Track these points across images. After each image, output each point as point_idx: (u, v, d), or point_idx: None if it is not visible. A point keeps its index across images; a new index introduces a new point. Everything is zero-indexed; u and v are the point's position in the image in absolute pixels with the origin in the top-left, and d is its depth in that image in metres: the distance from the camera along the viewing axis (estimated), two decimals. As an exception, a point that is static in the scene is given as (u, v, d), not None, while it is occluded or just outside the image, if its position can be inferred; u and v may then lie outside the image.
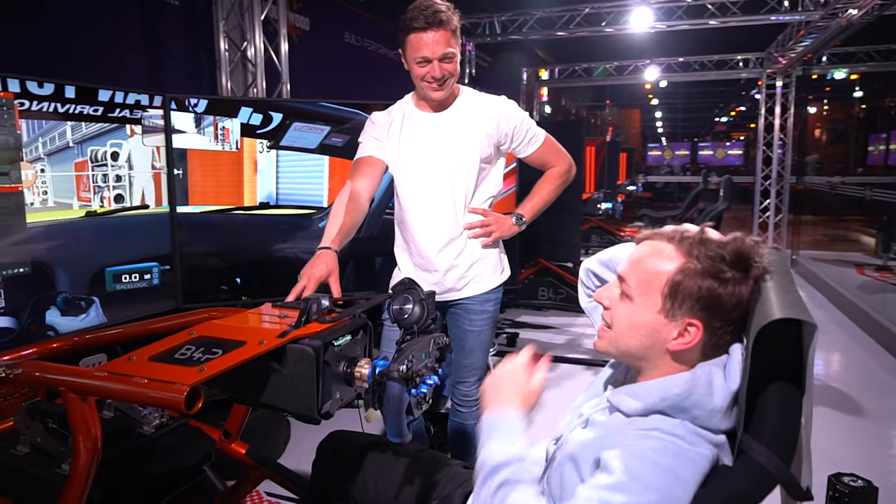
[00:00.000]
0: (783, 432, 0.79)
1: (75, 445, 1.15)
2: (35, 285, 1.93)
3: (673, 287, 0.90)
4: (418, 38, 1.73)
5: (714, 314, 0.88)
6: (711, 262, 0.87)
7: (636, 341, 0.95)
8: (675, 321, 0.90)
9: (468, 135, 1.87)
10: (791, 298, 0.80)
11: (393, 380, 1.07)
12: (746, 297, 0.87)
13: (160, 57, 3.17)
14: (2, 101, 1.81)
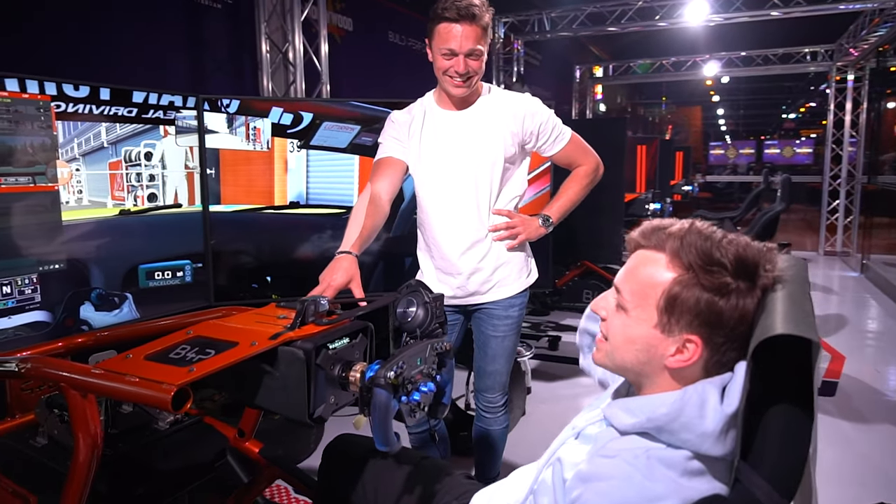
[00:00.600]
0: (785, 463, 0.70)
1: (75, 441, 1.17)
2: (70, 281, 2.00)
3: (669, 300, 0.82)
4: (447, 29, 1.67)
5: (715, 329, 0.80)
6: (710, 271, 0.79)
7: (632, 356, 0.88)
8: (673, 336, 0.83)
9: (492, 133, 1.81)
10: (798, 312, 0.71)
11: (380, 386, 1.03)
12: (752, 311, 0.78)
13: (203, 59, 3.26)
14: (39, 104, 1.88)
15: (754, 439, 0.73)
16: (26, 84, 1.84)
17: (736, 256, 0.80)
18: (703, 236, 0.83)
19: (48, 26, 2.45)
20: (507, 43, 6.79)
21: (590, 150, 1.98)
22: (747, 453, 0.74)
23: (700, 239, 0.82)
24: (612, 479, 0.77)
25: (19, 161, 1.83)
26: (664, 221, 0.89)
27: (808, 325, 0.68)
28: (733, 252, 0.80)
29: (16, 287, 1.85)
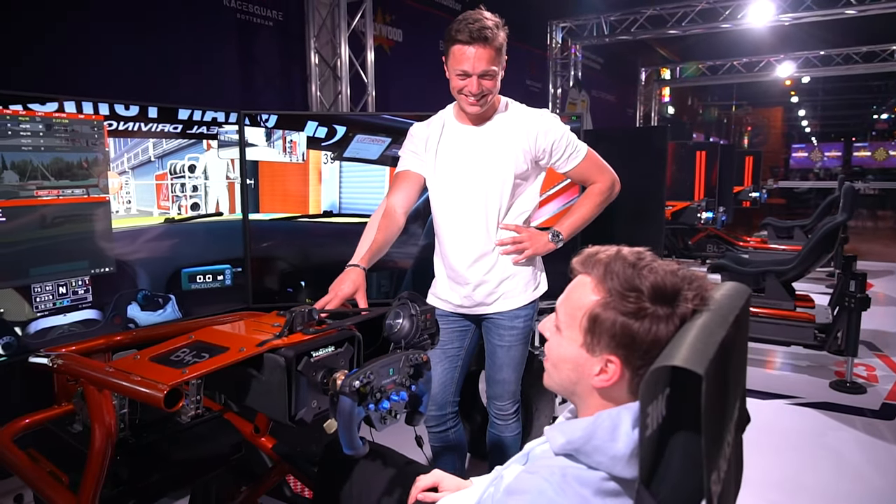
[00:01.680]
0: (682, 490, 0.72)
1: (92, 430, 1.31)
2: (118, 283, 2.19)
3: (591, 321, 0.86)
4: (461, 51, 1.73)
5: (631, 351, 0.83)
6: (626, 296, 0.83)
7: (565, 375, 0.92)
8: (596, 357, 0.87)
9: (504, 149, 1.85)
10: (700, 343, 0.73)
11: (344, 394, 1.11)
12: (665, 336, 0.81)
13: (255, 73, 3.46)
14: (93, 123, 2.09)
15: (659, 465, 0.75)
16: (82, 105, 2.05)
17: (653, 283, 0.82)
18: (627, 263, 0.86)
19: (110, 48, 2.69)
20: (565, 48, 6.75)
21: (606, 168, 1.99)
22: (653, 478, 0.76)
23: (624, 265, 0.86)
24: (527, 493, 0.81)
25: (75, 175, 2.04)
26: (600, 248, 0.92)
27: (701, 356, 0.70)
28: (651, 279, 0.83)
29: (70, 288, 2.06)
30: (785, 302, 4.21)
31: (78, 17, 2.55)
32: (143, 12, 2.82)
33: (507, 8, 5.48)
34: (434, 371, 1.97)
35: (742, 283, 3.49)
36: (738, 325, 0.85)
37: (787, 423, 3.35)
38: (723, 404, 0.77)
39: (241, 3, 3.32)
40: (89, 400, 1.32)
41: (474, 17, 1.73)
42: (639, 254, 0.89)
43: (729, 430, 0.81)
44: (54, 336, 2.00)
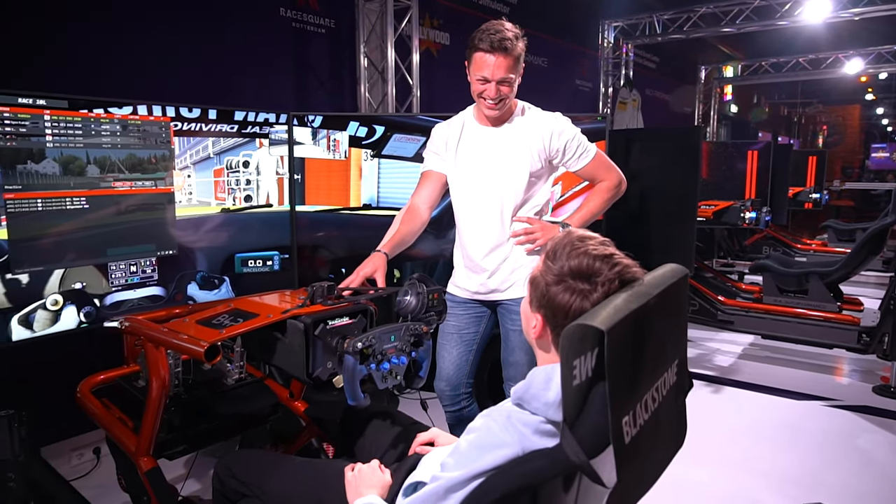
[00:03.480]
0: (591, 427, 0.88)
1: (149, 381, 1.58)
2: (180, 264, 2.49)
3: (531, 282, 1.06)
4: (482, 58, 1.90)
5: (550, 312, 1.01)
6: (552, 268, 1.00)
7: (522, 324, 1.13)
8: (532, 312, 1.06)
9: (519, 150, 2.02)
10: (612, 309, 0.89)
11: (348, 353, 1.32)
12: (577, 307, 0.98)
13: (308, 76, 3.74)
14: (162, 124, 2.39)
15: (583, 410, 0.92)
16: (153, 109, 2.35)
17: (577, 263, 0.99)
18: (569, 244, 1.03)
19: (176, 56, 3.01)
20: (617, 47, 6.77)
21: (613, 167, 2.12)
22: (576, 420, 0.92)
23: (565, 246, 1.03)
24: (478, 430, 0.99)
25: (145, 169, 2.34)
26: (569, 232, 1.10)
27: (608, 320, 0.86)
28: (576, 262, 1.00)
29: (140, 267, 2.37)
30: (828, 304, 4.15)
31: (147, 29, 2.88)
32: (206, 22, 3.13)
33: (558, 9, 5.70)
34: (450, 354, 2.16)
35: (784, 284, 3.54)
36: (665, 298, 1.00)
37: (819, 424, 3.34)
38: (636, 361, 0.92)
39: (296, 12, 3.60)
40: (148, 355, 1.58)
41: (496, 27, 1.90)
42: (584, 239, 1.05)
43: (646, 385, 0.96)
44: (125, 309, 2.32)
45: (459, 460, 0.98)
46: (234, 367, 1.92)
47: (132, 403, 1.83)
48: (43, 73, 2.49)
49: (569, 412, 0.90)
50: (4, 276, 2.00)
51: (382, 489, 1.23)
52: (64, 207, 2.12)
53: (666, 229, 3.53)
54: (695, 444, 2.96)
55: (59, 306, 2.14)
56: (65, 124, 2.10)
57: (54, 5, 2.56)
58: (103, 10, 2.71)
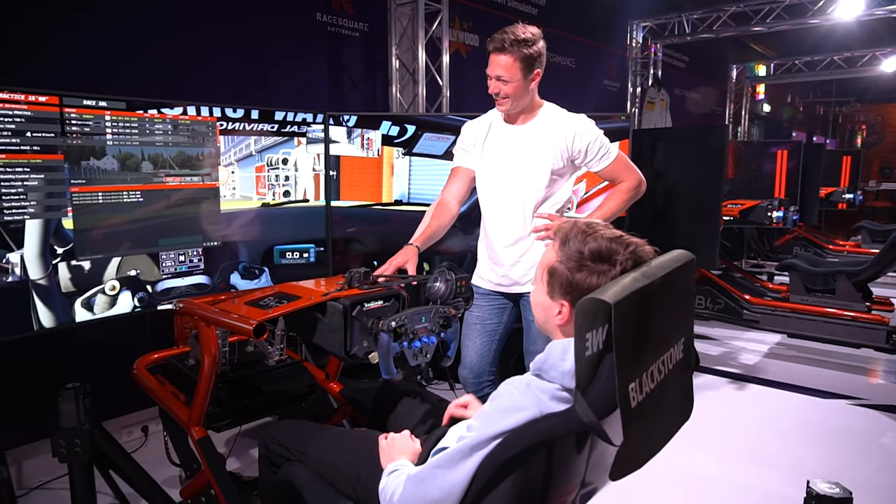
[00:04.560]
0: (600, 392, 0.99)
1: (202, 357, 1.73)
2: (224, 255, 2.66)
3: (549, 273, 1.15)
4: (490, 58, 2.06)
5: (576, 298, 1.10)
6: (571, 255, 1.11)
7: (539, 315, 1.21)
8: (555, 301, 1.15)
9: (542, 148, 2.12)
10: (619, 287, 1.00)
11: (383, 331, 1.45)
12: (597, 285, 1.08)
13: (342, 78, 3.89)
14: (208, 124, 2.56)
15: (593, 378, 1.03)
16: (200, 109, 2.52)
17: (596, 246, 1.10)
18: (579, 232, 1.13)
19: (219, 59, 3.19)
20: (646, 47, 6.79)
21: (633, 169, 2.21)
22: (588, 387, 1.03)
23: (577, 234, 1.13)
24: (500, 396, 1.11)
25: (193, 165, 2.51)
26: (565, 222, 1.20)
27: (615, 295, 0.96)
28: (592, 245, 1.10)
29: (187, 257, 2.54)
30: (856, 303, 4.15)
31: (194, 31, 3.06)
32: (247, 27, 3.30)
33: (586, 10, 5.81)
34: (473, 343, 2.28)
35: (811, 283, 3.62)
36: (671, 279, 1.10)
37: (844, 422, 3.36)
38: (641, 334, 1.03)
39: (331, 17, 3.76)
40: (200, 334, 1.74)
41: (508, 29, 2.03)
42: (591, 225, 1.16)
43: (652, 358, 1.06)
44: (174, 295, 2.49)
45: (483, 422, 1.10)
46: (275, 350, 2.06)
47: (183, 380, 2.00)
48: (100, 76, 2.68)
49: (581, 379, 1.01)
50: (70, 262, 2.18)
51: (413, 456, 1.35)
52: (121, 200, 2.30)
53: (690, 228, 3.59)
54: (716, 438, 3.06)
55: (116, 291, 2.32)
56: (123, 124, 2.28)
57: (106, 14, 2.75)
58: (152, 17, 2.90)
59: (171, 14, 2.96)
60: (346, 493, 1.41)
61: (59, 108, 2.12)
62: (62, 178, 2.14)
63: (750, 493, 2.59)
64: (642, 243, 1.13)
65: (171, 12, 2.97)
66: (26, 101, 2.04)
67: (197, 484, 1.89)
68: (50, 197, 2.12)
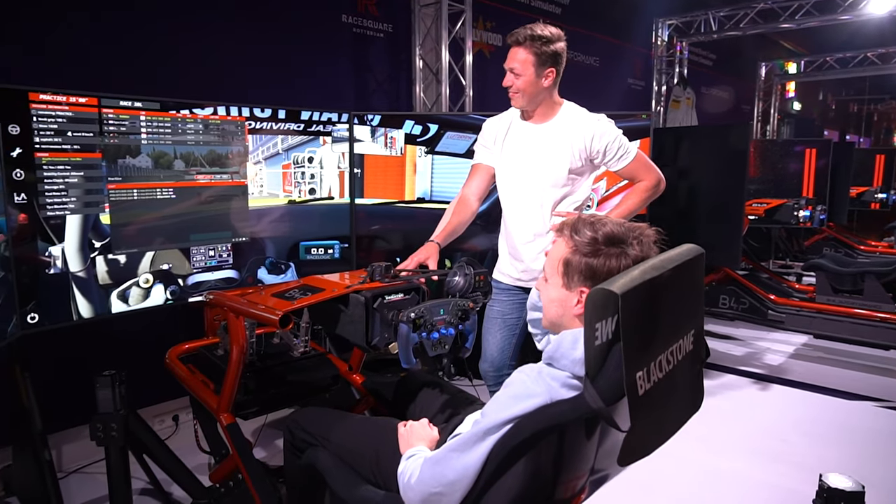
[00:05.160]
0: (608, 380, 1.03)
1: (230, 346, 1.81)
2: (251, 250, 2.75)
3: (565, 265, 1.19)
4: (509, 51, 2.11)
5: (595, 282, 1.14)
6: (586, 242, 1.15)
7: (553, 312, 1.25)
8: (573, 291, 1.19)
9: (561, 147, 2.16)
10: (628, 277, 1.03)
11: (403, 322, 1.50)
12: (616, 268, 1.12)
13: (367, 78, 3.97)
14: (238, 124, 2.65)
15: (602, 367, 1.06)
16: (230, 109, 2.61)
17: (606, 232, 1.14)
18: (587, 223, 1.18)
19: (249, 61, 3.29)
20: (671, 46, 6.74)
21: (652, 168, 2.23)
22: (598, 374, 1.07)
23: (585, 225, 1.18)
24: (513, 384, 1.16)
25: (223, 163, 2.60)
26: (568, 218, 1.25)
27: (623, 286, 1.00)
28: (605, 230, 1.15)
29: (217, 252, 2.64)
30: (885, 304, 4.09)
31: (224, 32, 3.16)
32: (275, 30, 3.39)
33: (610, 8, 5.83)
34: (494, 337, 2.33)
35: (839, 283, 3.61)
36: (680, 272, 1.14)
37: (870, 423, 3.33)
38: (649, 324, 1.06)
39: (356, 18, 3.83)
40: (229, 324, 1.81)
41: (529, 25, 2.09)
42: (594, 215, 1.21)
43: (660, 348, 1.09)
44: (204, 289, 2.58)
45: (497, 408, 1.14)
46: (299, 341, 2.13)
47: (213, 369, 2.08)
48: (134, 77, 2.78)
49: (590, 367, 1.05)
50: (107, 256, 2.29)
51: (431, 443, 1.41)
52: (155, 197, 2.40)
53: (713, 226, 3.58)
54: (738, 437, 3.07)
55: (150, 284, 2.42)
56: (157, 123, 2.38)
57: (142, 16, 2.86)
58: (188, 15, 3.00)
59: (204, 16, 3.06)
60: (366, 477, 1.47)
61: (98, 109, 2.22)
62: (100, 176, 2.24)
63: (770, 490, 2.59)
64: (645, 226, 1.18)
65: (204, 15, 3.07)
66: (68, 103, 2.14)
67: (225, 469, 1.97)
68: (89, 193, 2.22)
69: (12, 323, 2.05)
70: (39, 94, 2.07)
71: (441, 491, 1.16)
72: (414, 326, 1.52)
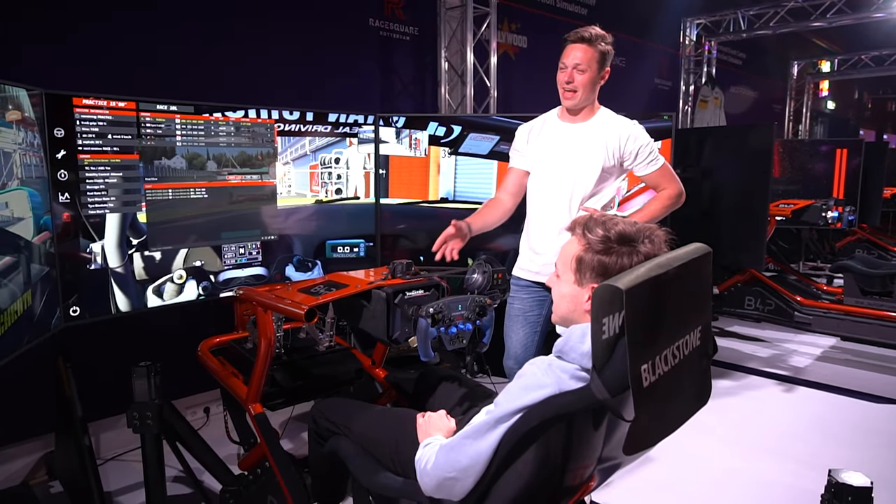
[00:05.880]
0: (614, 372, 1.08)
1: (259, 340, 1.89)
2: (280, 248, 2.84)
3: (577, 262, 1.24)
4: (566, 49, 2.17)
5: (607, 279, 1.18)
6: (599, 240, 1.20)
7: (565, 307, 1.30)
8: (584, 287, 1.24)
9: (596, 145, 2.21)
10: (633, 274, 1.08)
11: (421, 317, 1.57)
12: (628, 266, 1.17)
13: (393, 80, 4.05)
14: (267, 126, 2.74)
15: (609, 359, 1.11)
16: (260, 112, 2.71)
17: (619, 231, 1.19)
18: (599, 221, 1.22)
19: (279, 64, 3.39)
20: (699, 45, 6.69)
21: (676, 179, 2.28)
22: (604, 367, 1.12)
23: (597, 224, 1.22)
24: (524, 375, 1.21)
25: (253, 164, 2.70)
26: (579, 216, 1.30)
27: (628, 282, 1.05)
28: (617, 229, 1.19)
29: (247, 249, 2.74)
30: (915, 307, 4.02)
31: (254, 38, 3.27)
32: (304, 34, 3.49)
33: (637, 8, 5.84)
34: (517, 334, 2.38)
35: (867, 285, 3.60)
36: (687, 270, 1.18)
37: (893, 426, 3.28)
38: (655, 319, 1.11)
39: (383, 22, 3.92)
40: (258, 318, 1.90)
41: (588, 27, 2.15)
42: (605, 215, 1.25)
43: (666, 342, 1.13)
44: (234, 285, 2.69)
45: (508, 398, 1.20)
46: (325, 336, 2.22)
47: (242, 361, 2.18)
48: (167, 81, 2.91)
49: (597, 360, 1.10)
50: (143, 252, 2.40)
51: (448, 433, 1.47)
52: (188, 196, 2.51)
53: (737, 227, 3.57)
54: (760, 437, 3.07)
55: (183, 280, 2.53)
56: (191, 126, 2.48)
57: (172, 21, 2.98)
58: (221, 22, 3.12)
59: (238, 22, 3.18)
60: (385, 465, 1.54)
61: (136, 113, 2.34)
62: (138, 176, 2.36)
63: (786, 490, 2.59)
64: (655, 227, 1.22)
65: (239, 21, 3.18)
66: (108, 107, 2.26)
67: (254, 457, 2.06)
68: (127, 193, 2.34)
69: (56, 316, 2.17)
70: (82, 99, 2.19)
71: (455, 476, 1.22)
72: (433, 321, 1.58)
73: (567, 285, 1.28)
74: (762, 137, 3.49)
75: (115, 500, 2.46)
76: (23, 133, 1.96)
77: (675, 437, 1.21)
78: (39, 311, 2.05)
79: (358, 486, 1.60)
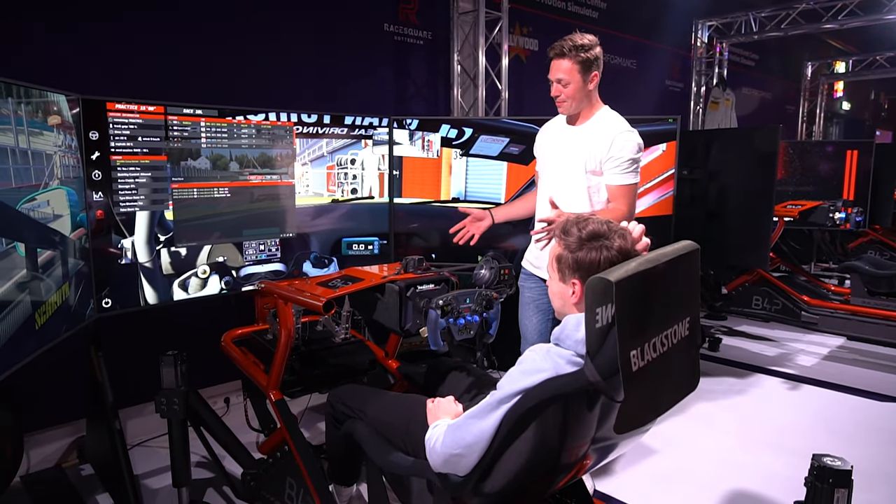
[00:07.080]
0: (606, 357, 1.18)
1: (279, 330, 2.02)
2: (298, 246, 2.97)
3: (557, 261, 1.36)
4: (552, 63, 2.29)
5: (586, 274, 1.29)
6: (574, 240, 1.32)
7: (556, 302, 1.42)
8: (567, 283, 1.36)
9: (584, 148, 2.31)
10: (621, 268, 1.18)
11: (431, 308, 1.68)
12: (598, 260, 1.28)
13: (407, 83, 4.17)
14: (286, 128, 2.87)
15: (602, 346, 1.21)
16: (280, 115, 2.84)
17: (590, 231, 1.31)
18: (574, 223, 1.34)
19: (298, 68, 3.52)
20: (711, 47, 6.74)
21: (631, 205, 2.29)
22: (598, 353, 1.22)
23: (572, 224, 1.34)
24: (525, 361, 1.32)
25: (273, 165, 2.83)
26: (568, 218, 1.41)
27: (618, 275, 1.15)
28: (588, 229, 1.31)
29: (266, 246, 2.87)
30: (922, 307, 4.06)
31: (271, 41, 3.40)
32: (321, 39, 3.62)
33: (648, 10, 5.95)
34: (531, 321, 2.48)
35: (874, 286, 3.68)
36: (675, 265, 1.28)
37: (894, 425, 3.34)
38: (643, 309, 1.21)
39: (397, 27, 4.04)
40: (278, 310, 2.03)
41: (567, 37, 2.24)
42: (581, 217, 1.37)
43: (654, 331, 1.23)
44: (254, 280, 2.82)
45: (509, 381, 1.31)
46: (341, 328, 2.34)
47: (263, 352, 2.30)
48: (191, 86, 3.05)
49: (590, 346, 1.21)
50: (170, 248, 2.54)
51: (455, 416, 1.58)
52: (212, 196, 2.64)
53: (742, 228, 3.63)
54: (764, 433, 3.15)
55: (207, 275, 2.67)
56: (215, 129, 2.62)
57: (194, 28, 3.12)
58: (241, 27, 3.25)
59: (257, 27, 3.31)
60: (397, 446, 1.65)
61: (164, 116, 2.47)
62: (165, 176, 2.50)
63: (791, 483, 2.66)
64: (626, 227, 1.34)
65: (258, 26, 3.32)
66: (139, 111, 2.40)
67: (273, 441, 2.18)
68: (155, 192, 2.48)
69: (90, 307, 2.31)
70: (115, 104, 2.33)
71: (461, 452, 1.33)
72: (442, 312, 1.69)
73: (555, 283, 1.41)
74: (768, 139, 3.56)
75: (143, 482, 2.60)
76: (62, 136, 2.10)
77: (684, 431, 1.31)
78: (75, 302, 2.19)
79: (372, 467, 1.72)
